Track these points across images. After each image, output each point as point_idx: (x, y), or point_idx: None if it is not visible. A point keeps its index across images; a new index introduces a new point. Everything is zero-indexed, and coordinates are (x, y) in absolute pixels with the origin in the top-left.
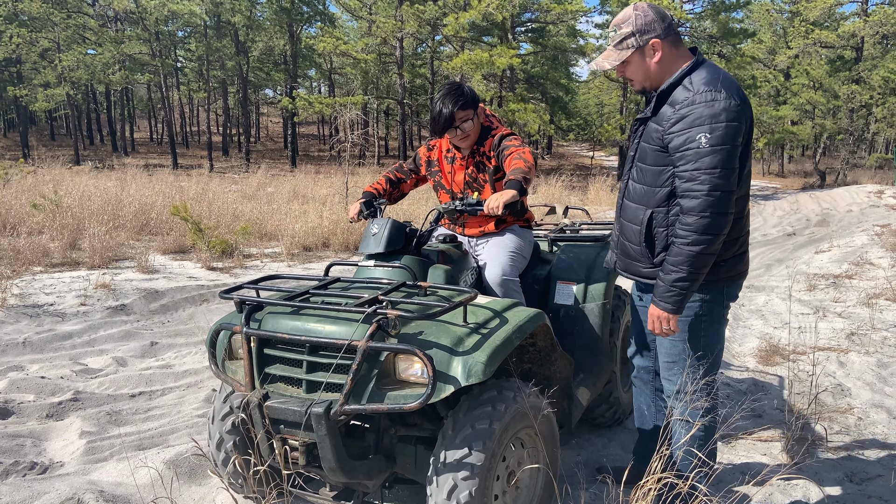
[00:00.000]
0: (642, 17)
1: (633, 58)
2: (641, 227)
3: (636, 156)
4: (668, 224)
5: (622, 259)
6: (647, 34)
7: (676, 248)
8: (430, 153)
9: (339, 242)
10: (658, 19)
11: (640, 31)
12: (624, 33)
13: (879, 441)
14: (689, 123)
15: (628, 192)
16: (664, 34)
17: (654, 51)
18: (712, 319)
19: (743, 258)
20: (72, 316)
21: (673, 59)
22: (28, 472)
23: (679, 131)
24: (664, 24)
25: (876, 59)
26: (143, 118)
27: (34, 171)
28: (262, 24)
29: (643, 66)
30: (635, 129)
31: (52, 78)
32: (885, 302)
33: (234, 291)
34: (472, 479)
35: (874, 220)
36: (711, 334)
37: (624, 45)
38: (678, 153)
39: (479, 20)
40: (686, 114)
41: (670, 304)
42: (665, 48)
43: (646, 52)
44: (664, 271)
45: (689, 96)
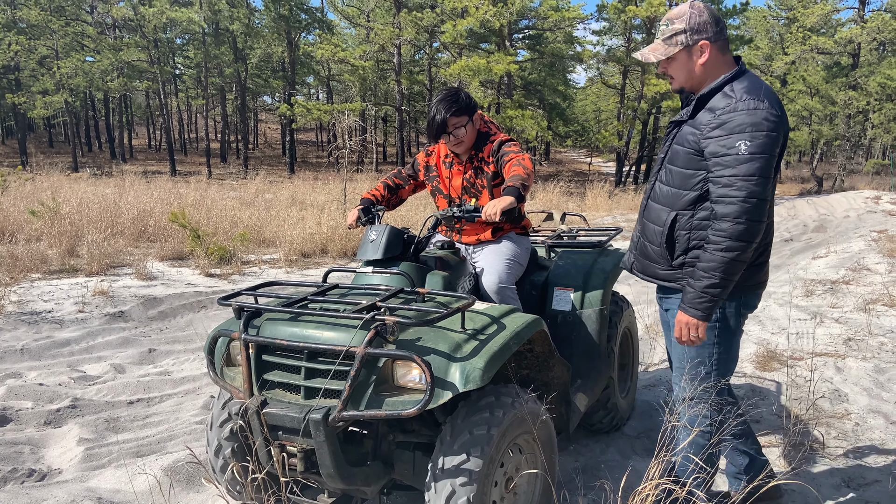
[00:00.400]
0: (697, 17)
1: (679, 55)
2: (664, 228)
3: (666, 158)
4: (690, 228)
5: (640, 260)
6: (699, 34)
7: (709, 253)
8: (429, 158)
9: (337, 249)
10: (712, 21)
11: (691, 30)
12: (675, 29)
13: (877, 446)
14: (730, 130)
15: (654, 193)
16: (715, 38)
17: (702, 52)
18: (726, 327)
19: (763, 268)
20: (70, 323)
21: (718, 65)
22: (26, 480)
23: (718, 137)
24: (716, 28)
25: (872, 65)
26: (141, 125)
27: (32, 178)
28: (260, 31)
29: (688, 66)
30: (669, 132)
31: (50, 85)
32: (883, 307)
33: (232, 298)
34: (471, 485)
35: (871, 226)
36: (724, 342)
37: (673, 40)
38: (715, 159)
39: (476, 27)
40: (727, 120)
41: (700, 311)
42: (713, 52)
43: (693, 51)
44: (694, 277)
45: (731, 103)
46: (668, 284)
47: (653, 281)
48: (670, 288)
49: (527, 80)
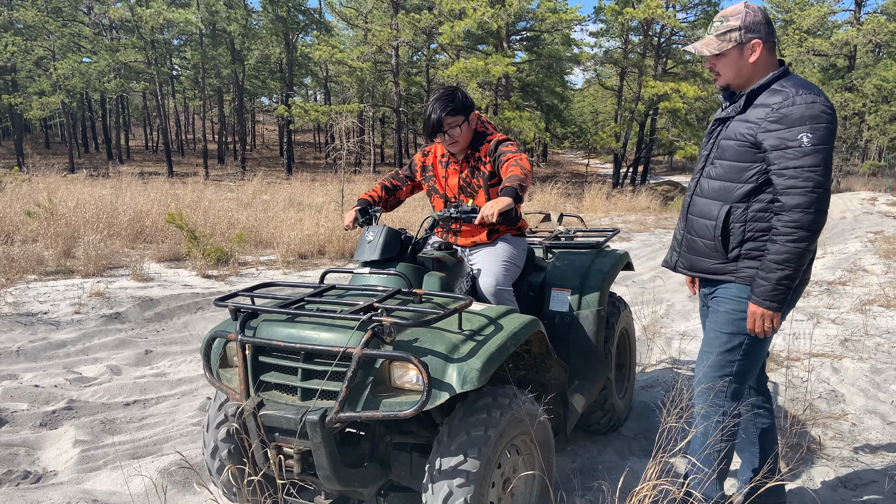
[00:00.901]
0: (752, 16)
1: (731, 52)
2: (717, 221)
3: (712, 153)
4: (745, 220)
5: (686, 257)
6: (752, 33)
7: (780, 245)
8: (426, 158)
9: (334, 250)
10: (764, 22)
11: (746, 28)
12: (730, 26)
13: (874, 447)
14: (790, 123)
15: (700, 188)
16: (766, 38)
17: (753, 51)
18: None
19: (810, 264)
20: (66, 324)
21: (766, 64)
22: (21, 481)
23: (778, 130)
24: (768, 29)
25: (868, 67)
26: (138, 126)
27: (29, 179)
28: (257, 32)
29: (738, 63)
30: (712, 130)
31: (46, 86)
32: (879, 308)
33: (228, 299)
34: (468, 486)
35: (867, 227)
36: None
37: (727, 37)
38: (777, 151)
39: (474, 29)
40: (787, 113)
41: (776, 303)
42: (763, 51)
43: (745, 49)
44: (766, 270)
45: (789, 97)
46: (719, 277)
47: (702, 275)
48: (720, 280)
49: (524, 82)
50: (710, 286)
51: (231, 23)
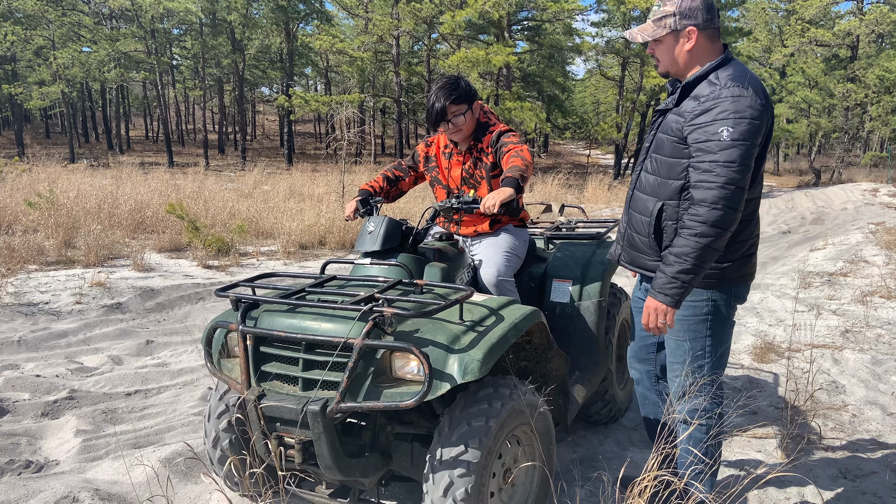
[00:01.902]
0: (688, 2)
1: (666, 38)
2: (651, 218)
3: (651, 147)
4: (678, 217)
5: (628, 251)
6: (687, 19)
7: (682, 238)
8: (428, 149)
9: (335, 241)
10: (703, 8)
11: (681, 14)
12: (665, 11)
13: (874, 438)
14: (714, 117)
15: (640, 183)
16: (704, 25)
17: (689, 38)
18: (718, 320)
19: (751, 260)
20: (67, 314)
21: (704, 52)
22: (23, 471)
23: (701, 124)
24: (707, 15)
25: (871, 57)
26: (138, 116)
27: (29, 169)
28: (258, 21)
29: (673, 50)
30: (654, 121)
31: (46, 76)
32: (880, 299)
33: (230, 289)
34: (469, 476)
35: (869, 218)
36: (717, 335)
37: (662, 23)
38: (697, 145)
39: (475, 18)
40: (711, 107)
41: (670, 298)
42: (700, 39)
43: (681, 36)
44: (666, 262)
45: (716, 90)
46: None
47: (640, 271)
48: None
49: (525, 72)
50: (648, 282)
51: (231, 12)
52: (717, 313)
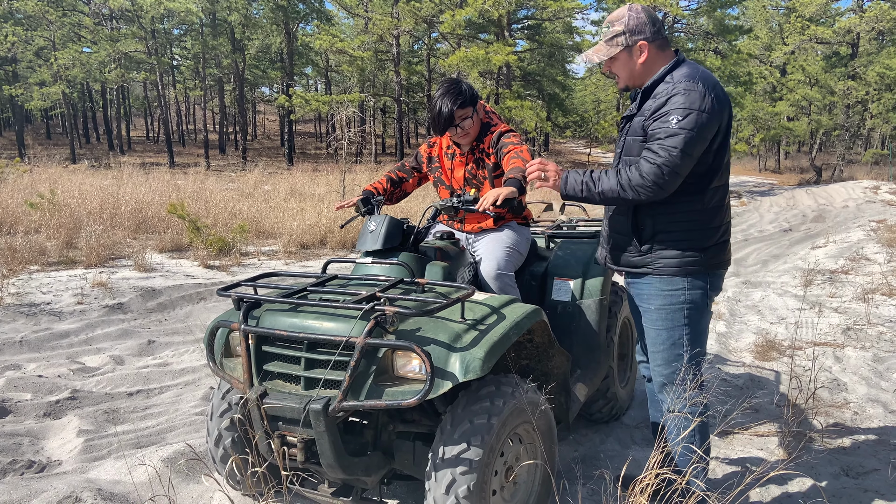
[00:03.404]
0: (634, 19)
1: (620, 55)
2: (629, 216)
3: (622, 151)
4: (653, 214)
5: (612, 253)
6: (637, 35)
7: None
8: (431, 150)
9: (336, 240)
10: (648, 23)
11: (630, 31)
12: (615, 31)
13: (875, 435)
14: (668, 108)
15: None
16: (652, 38)
17: (641, 52)
18: (695, 308)
19: (725, 247)
20: (69, 315)
21: (657, 61)
22: (26, 471)
23: (658, 118)
24: (653, 28)
25: (871, 54)
26: (139, 116)
27: (30, 170)
28: (258, 21)
29: (629, 65)
30: (622, 127)
31: (47, 76)
32: (881, 297)
33: (231, 289)
34: (471, 474)
35: (870, 216)
36: (694, 323)
37: (614, 42)
38: (651, 132)
39: (475, 17)
40: (665, 101)
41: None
42: (651, 51)
43: (633, 51)
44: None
45: (670, 84)
46: (638, 270)
47: (626, 269)
48: (640, 273)
49: (526, 71)
50: (633, 279)
51: (231, 12)
52: (693, 302)
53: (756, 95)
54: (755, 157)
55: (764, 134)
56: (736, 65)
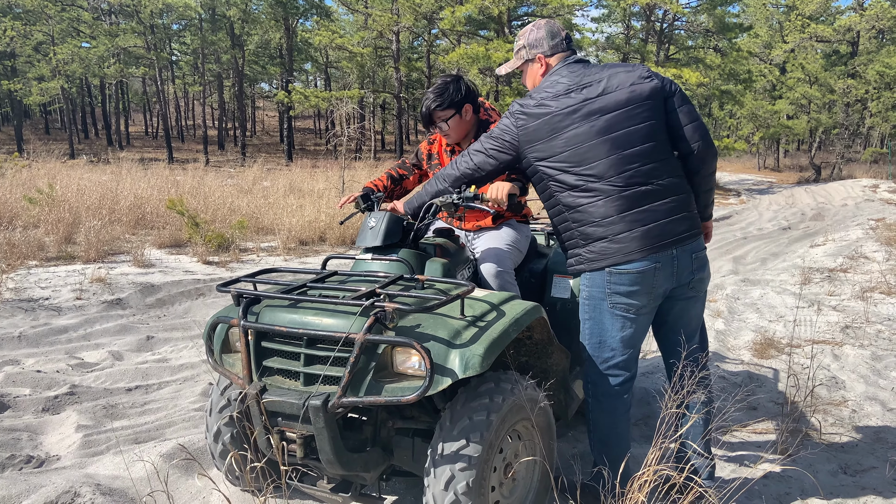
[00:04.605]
0: (535, 33)
1: (524, 67)
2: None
3: None
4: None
5: None
6: (535, 48)
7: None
8: (431, 147)
9: (335, 236)
10: (547, 37)
11: (529, 45)
12: (519, 45)
13: (873, 433)
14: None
15: None
16: (550, 51)
17: (540, 63)
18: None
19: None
20: (67, 310)
21: None
22: (24, 466)
23: None
24: (552, 42)
25: (871, 53)
26: (138, 112)
27: (29, 165)
28: (257, 17)
29: (533, 75)
30: None
31: (46, 71)
32: (880, 295)
33: (231, 285)
34: (470, 471)
35: (869, 215)
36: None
37: (518, 55)
38: None
39: (475, 14)
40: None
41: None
42: (548, 64)
43: (533, 63)
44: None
45: None
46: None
47: None
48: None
49: None
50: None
51: (231, 7)
52: (592, 298)
53: (756, 93)
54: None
55: (763, 132)
56: (736, 63)
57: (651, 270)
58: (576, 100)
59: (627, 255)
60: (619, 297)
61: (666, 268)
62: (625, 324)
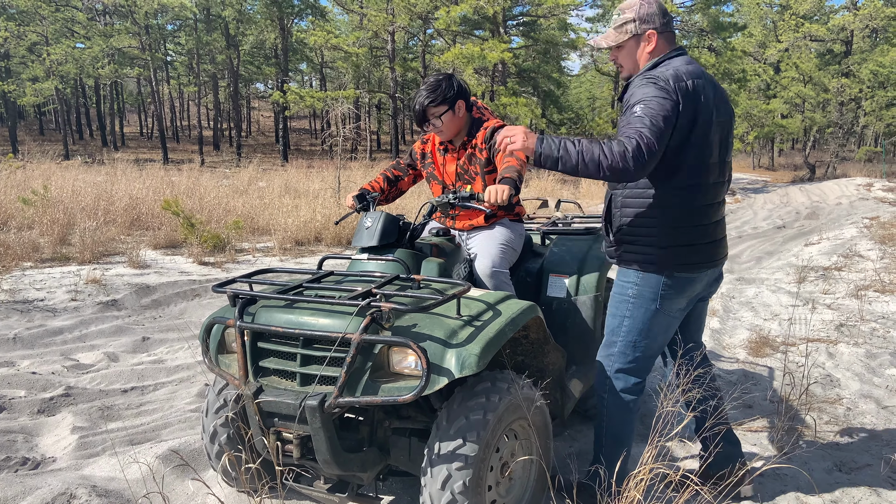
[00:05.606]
0: (645, 7)
1: (628, 43)
2: (605, 206)
3: None
4: (620, 205)
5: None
6: (647, 24)
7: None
8: (425, 146)
9: (331, 237)
10: (659, 13)
11: (640, 20)
12: (626, 18)
13: (868, 431)
14: (633, 101)
15: None
16: (661, 28)
17: (649, 41)
18: (640, 304)
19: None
20: (62, 311)
21: (662, 53)
22: (20, 468)
23: (626, 109)
24: (663, 20)
25: (865, 52)
26: (132, 113)
27: (23, 166)
28: (252, 17)
29: (635, 54)
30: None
31: (40, 72)
32: (874, 293)
33: (227, 285)
34: (466, 470)
35: (863, 213)
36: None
37: (623, 29)
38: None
39: (470, 14)
40: (631, 93)
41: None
42: (659, 41)
43: (641, 40)
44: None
45: (638, 77)
46: (612, 261)
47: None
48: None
49: (521, 68)
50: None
51: (225, 7)
52: (640, 297)
53: (750, 93)
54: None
55: (758, 131)
56: (730, 62)
57: (702, 278)
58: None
59: (697, 264)
60: (672, 300)
61: (711, 276)
62: (669, 325)
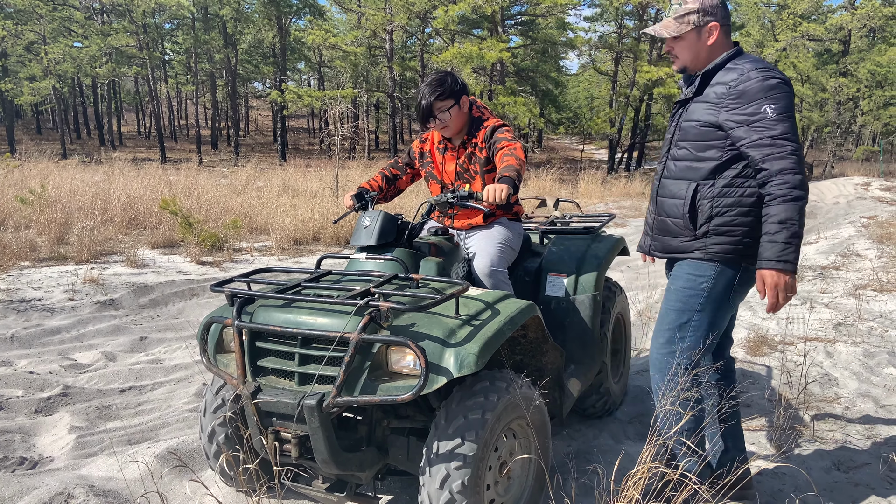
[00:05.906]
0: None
1: (689, 34)
2: (685, 199)
3: (676, 136)
4: (713, 196)
5: (658, 239)
6: (710, 16)
7: (780, 206)
8: (423, 145)
9: (329, 236)
10: (721, 5)
11: (703, 11)
12: (688, 8)
13: (866, 430)
14: (751, 98)
15: (668, 170)
16: (723, 21)
17: (711, 33)
18: (713, 298)
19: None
20: (60, 311)
21: (722, 47)
22: (17, 468)
23: (740, 106)
24: (724, 12)
25: (863, 52)
26: (130, 112)
27: (21, 165)
28: (250, 16)
29: (696, 46)
30: (675, 112)
31: (37, 71)
32: (872, 293)
33: (225, 284)
34: (465, 469)
35: (861, 212)
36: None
37: (685, 20)
38: (744, 127)
39: (468, 13)
40: (745, 89)
41: (790, 263)
42: (720, 34)
43: (703, 32)
44: (770, 233)
45: (744, 73)
46: (684, 255)
47: (671, 255)
48: (683, 257)
49: (519, 67)
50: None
51: (223, 6)
52: (713, 291)
53: None
54: None
55: None
56: None
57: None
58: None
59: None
60: (738, 294)
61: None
62: (731, 315)
